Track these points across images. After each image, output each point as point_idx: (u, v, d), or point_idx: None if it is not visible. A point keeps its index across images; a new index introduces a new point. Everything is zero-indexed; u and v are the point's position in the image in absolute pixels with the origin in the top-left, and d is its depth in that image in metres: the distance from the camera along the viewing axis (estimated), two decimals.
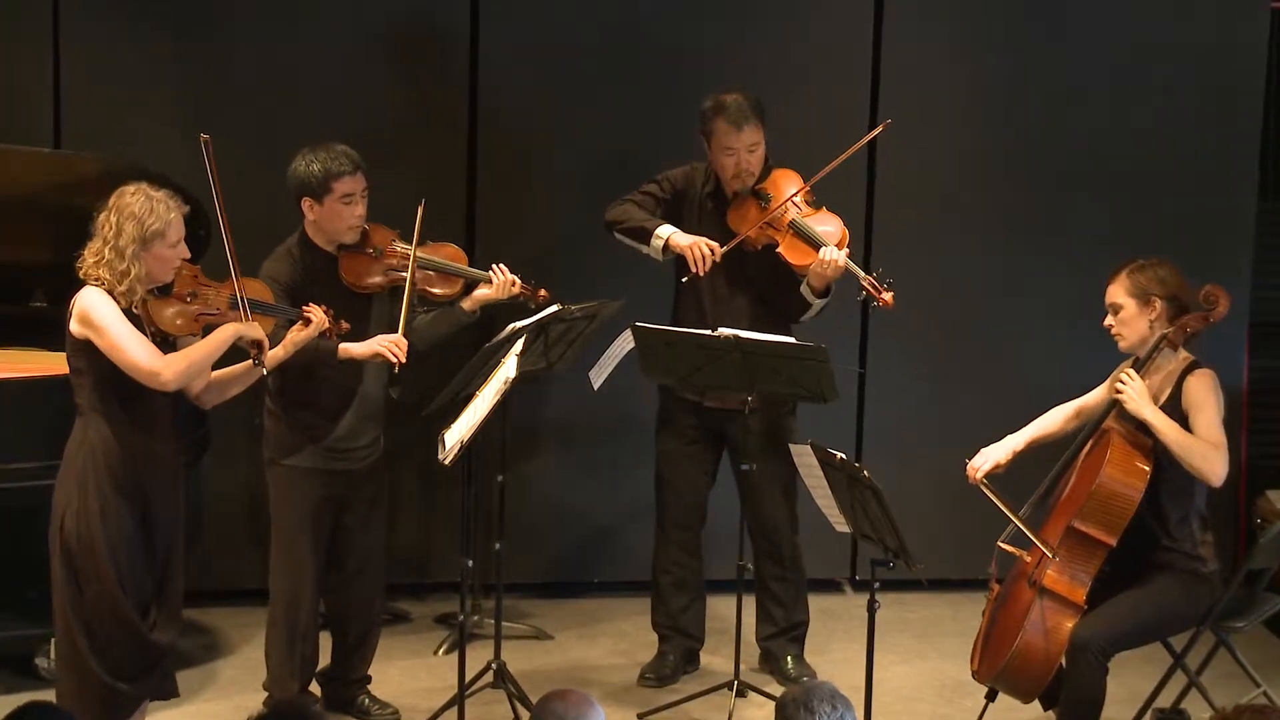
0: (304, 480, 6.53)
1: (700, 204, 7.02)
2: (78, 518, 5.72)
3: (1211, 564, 6.23)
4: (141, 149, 7.34)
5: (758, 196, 6.94)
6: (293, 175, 6.49)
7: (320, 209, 6.47)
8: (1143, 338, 6.20)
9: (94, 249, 5.75)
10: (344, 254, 6.55)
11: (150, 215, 5.72)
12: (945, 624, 7.97)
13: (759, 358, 6.60)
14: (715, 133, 6.89)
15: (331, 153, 6.47)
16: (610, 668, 7.44)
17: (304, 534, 6.55)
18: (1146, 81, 8.09)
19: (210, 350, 5.82)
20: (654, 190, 7.06)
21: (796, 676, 7.19)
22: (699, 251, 6.83)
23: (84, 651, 5.76)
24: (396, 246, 6.55)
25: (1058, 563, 6.05)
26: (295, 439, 6.53)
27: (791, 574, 7.22)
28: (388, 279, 6.53)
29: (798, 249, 6.84)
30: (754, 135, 6.89)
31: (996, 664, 6.14)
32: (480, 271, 6.66)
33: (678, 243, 6.87)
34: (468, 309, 6.67)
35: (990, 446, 6.34)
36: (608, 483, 8.09)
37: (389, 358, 6.38)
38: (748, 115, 6.86)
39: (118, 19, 7.65)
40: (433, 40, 7.85)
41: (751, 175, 6.94)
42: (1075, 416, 6.43)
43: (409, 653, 7.54)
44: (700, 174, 7.04)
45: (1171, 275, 6.18)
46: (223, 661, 7.41)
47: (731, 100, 6.88)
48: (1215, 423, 6.08)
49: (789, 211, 6.87)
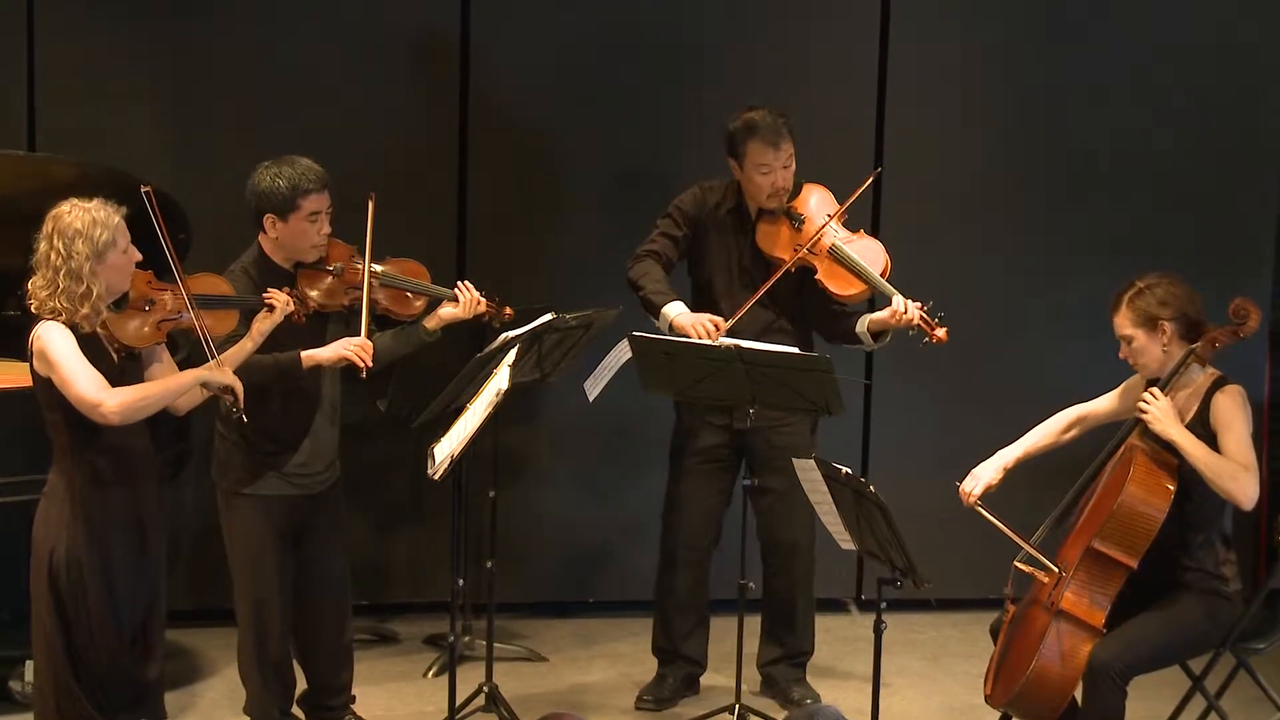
0: (267, 509, 6.40)
1: (719, 224, 6.95)
2: (67, 554, 5.66)
3: (1234, 584, 6.14)
4: (119, 151, 7.29)
5: (789, 216, 6.88)
6: (255, 189, 6.28)
7: (284, 226, 6.29)
8: (1161, 362, 6.10)
9: (43, 281, 5.63)
10: (302, 272, 6.38)
11: (96, 227, 5.62)
12: (955, 646, 7.92)
13: (762, 369, 6.52)
14: (749, 153, 6.81)
15: (298, 167, 6.30)
16: (607, 690, 7.36)
17: (268, 564, 6.42)
18: (1166, 83, 8.10)
19: (166, 392, 5.73)
20: (670, 230, 6.96)
21: (800, 700, 7.12)
22: (702, 330, 6.71)
23: (71, 686, 5.72)
24: (356, 263, 6.40)
25: (1076, 584, 5.97)
26: (256, 466, 6.37)
27: (803, 599, 7.17)
28: (349, 298, 6.40)
29: (838, 276, 6.80)
30: (789, 151, 6.84)
31: (1011, 688, 6.06)
32: (444, 289, 6.52)
33: (681, 325, 6.76)
34: (430, 328, 6.52)
35: (980, 466, 6.26)
36: (604, 498, 8.05)
37: (355, 361, 6.25)
38: (782, 133, 6.81)
39: (94, 17, 7.62)
40: (423, 38, 7.82)
41: (787, 192, 6.89)
42: (1075, 424, 6.33)
43: (398, 675, 7.48)
44: (714, 194, 6.97)
45: (1172, 293, 6.06)
46: (204, 684, 7.35)
47: (762, 119, 6.81)
48: (1246, 443, 5.98)
49: (826, 235, 6.80)
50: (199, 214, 6.97)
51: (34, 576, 5.72)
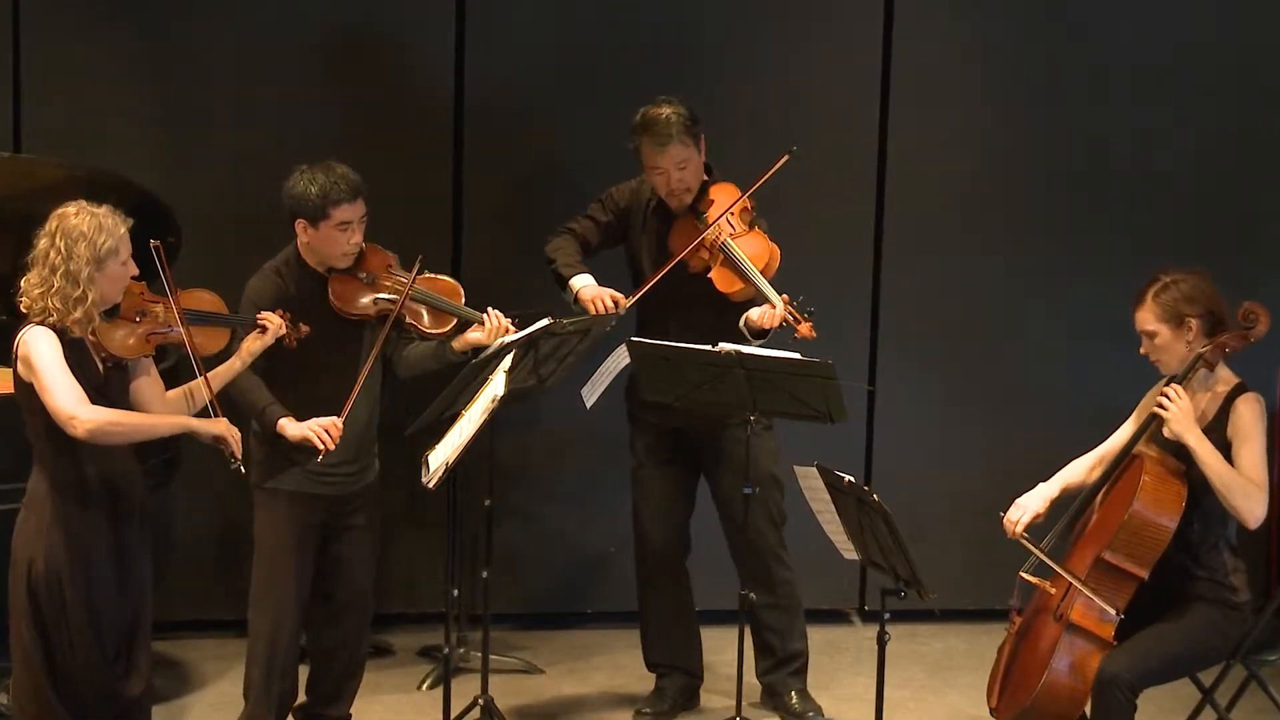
0: (288, 504, 6.40)
1: (645, 219, 6.97)
2: (46, 565, 5.62)
3: (1243, 594, 6.08)
4: (107, 151, 7.28)
5: (697, 215, 6.86)
6: (289, 193, 6.32)
7: (314, 232, 6.32)
8: (1183, 360, 6.03)
9: (38, 279, 5.58)
10: (334, 275, 6.42)
11: (101, 233, 5.58)
12: (960, 657, 7.87)
13: (763, 374, 6.46)
14: (642, 150, 6.82)
15: (331, 175, 6.30)
16: (604, 703, 7.35)
17: (288, 561, 6.42)
18: (1173, 82, 8.06)
19: (146, 428, 5.71)
20: (596, 213, 7.03)
21: (802, 713, 7.09)
22: (601, 304, 6.76)
23: (50, 699, 5.68)
24: (391, 273, 6.41)
25: (1086, 596, 5.91)
26: (279, 461, 6.39)
27: (783, 600, 7.10)
28: (377, 307, 6.40)
29: (725, 276, 6.77)
30: (681, 153, 6.77)
31: (1020, 701, 6.00)
32: (474, 311, 6.53)
33: (583, 296, 6.81)
34: (457, 349, 6.53)
35: (1025, 496, 6.16)
36: (601, 507, 7.97)
37: (316, 444, 6.25)
38: (672, 134, 6.74)
39: (80, 16, 7.57)
40: (416, 37, 7.78)
41: (687, 193, 6.85)
42: (1099, 464, 6.23)
43: (392, 687, 7.43)
44: (648, 187, 6.97)
45: (1200, 288, 6.00)
46: (194, 696, 7.31)
47: (658, 115, 6.77)
48: (1261, 458, 5.91)
49: (721, 232, 6.78)
50: (187, 217, 6.93)
51: (12, 588, 5.67)
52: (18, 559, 5.65)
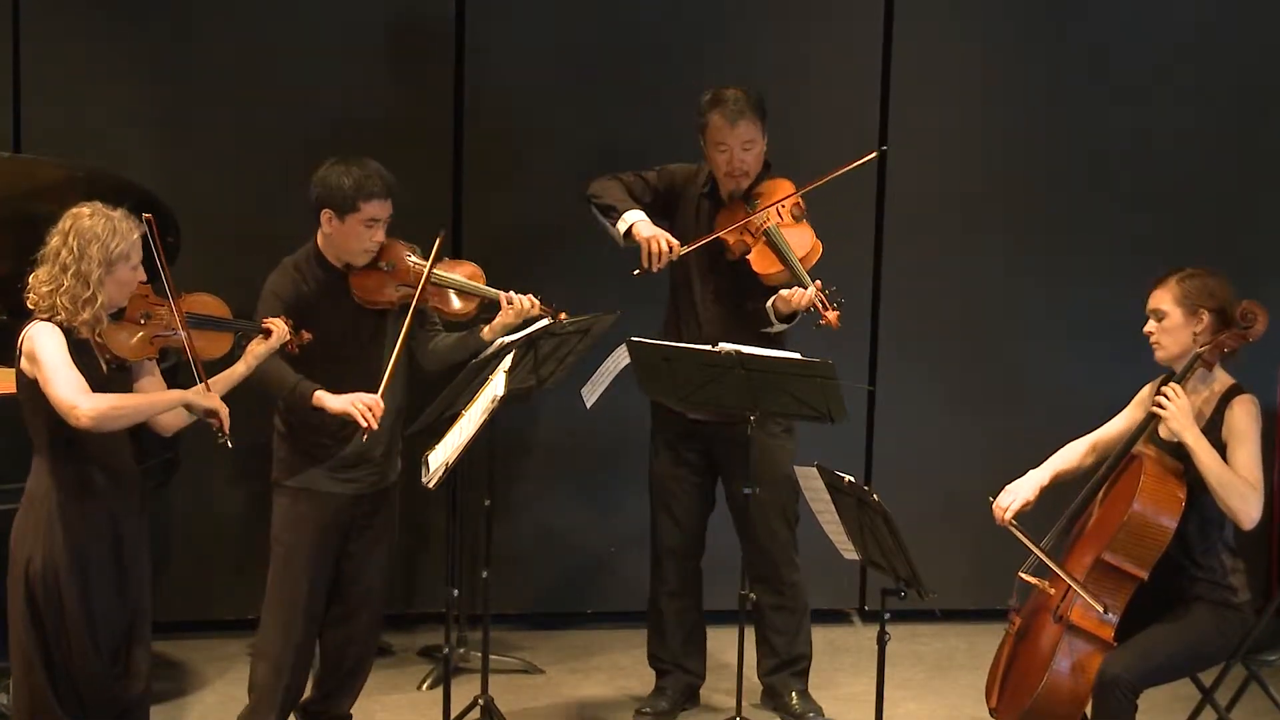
0: (307, 502, 6.39)
1: (697, 204, 6.95)
2: (44, 563, 5.60)
3: (1243, 594, 6.08)
4: (107, 151, 7.29)
5: (748, 202, 6.86)
6: (320, 182, 6.32)
7: (339, 225, 6.31)
8: (1184, 350, 6.03)
9: (47, 276, 5.57)
10: (355, 268, 6.41)
11: (114, 236, 5.57)
12: (960, 657, 7.86)
13: (763, 374, 6.45)
14: (709, 125, 6.82)
15: (366, 170, 6.31)
16: (604, 704, 7.34)
17: (304, 559, 6.41)
18: (1175, 81, 8.06)
19: (146, 407, 5.68)
20: (650, 177, 7.02)
21: (802, 713, 7.06)
22: (657, 245, 6.71)
23: (48, 699, 5.65)
24: (410, 261, 6.41)
25: (1085, 597, 5.90)
26: (300, 460, 6.39)
27: (790, 603, 7.08)
28: (399, 295, 6.40)
29: (765, 257, 6.75)
30: (749, 132, 6.79)
31: (1020, 703, 5.99)
32: (496, 290, 6.51)
33: (639, 232, 6.77)
34: (487, 337, 6.52)
35: (1015, 483, 6.17)
36: (601, 507, 8.00)
37: (359, 421, 6.22)
38: (744, 110, 6.78)
39: (80, 16, 7.57)
40: (416, 34, 7.78)
41: (746, 176, 6.84)
42: (1092, 451, 6.25)
43: (391, 687, 7.41)
44: (704, 174, 6.97)
45: (1222, 287, 6.04)
46: (194, 697, 7.28)
47: (730, 94, 6.80)
48: (1256, 459, 5.92)
49: (769, 219, 6.76)
50: (187, 217, 6.91)
51: (10, 587, 5.66)
52: (16, 557, 5.64)
